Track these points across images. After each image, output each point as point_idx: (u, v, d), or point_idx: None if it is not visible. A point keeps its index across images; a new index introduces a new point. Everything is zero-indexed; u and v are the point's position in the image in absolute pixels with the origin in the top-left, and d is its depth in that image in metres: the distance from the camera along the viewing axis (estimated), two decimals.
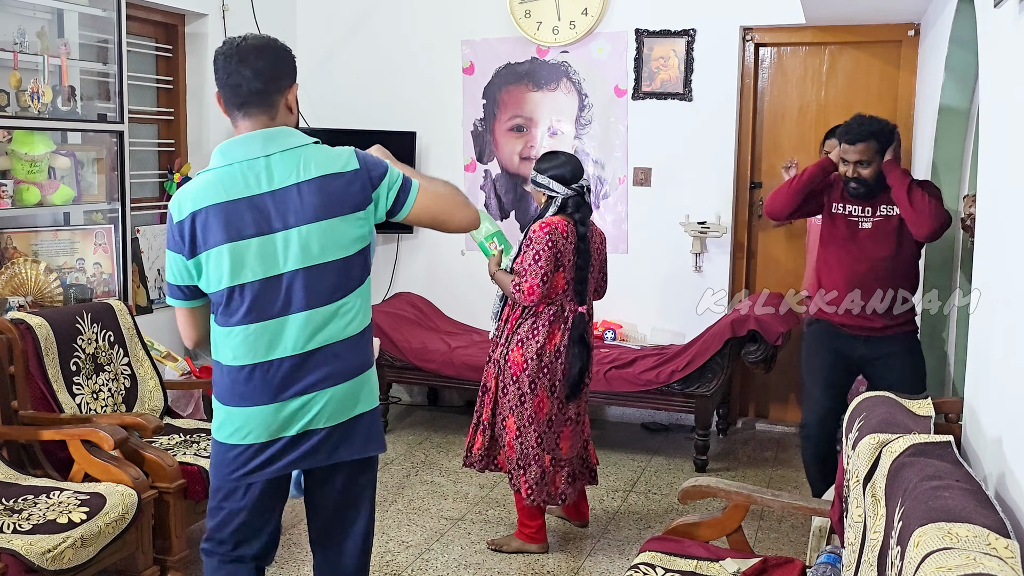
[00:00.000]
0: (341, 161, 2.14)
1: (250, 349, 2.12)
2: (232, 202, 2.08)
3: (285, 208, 2.09)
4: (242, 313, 2.11)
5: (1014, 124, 2.07)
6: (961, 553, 1.43)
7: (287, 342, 2.12)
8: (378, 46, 5.54)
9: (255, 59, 2.10)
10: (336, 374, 2.15)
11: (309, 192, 2.09)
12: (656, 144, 5.11)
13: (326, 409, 2.16)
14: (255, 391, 2.13)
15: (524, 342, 3.36)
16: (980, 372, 2.34)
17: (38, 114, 3.74)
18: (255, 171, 2.10)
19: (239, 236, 2.08)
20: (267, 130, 2.13)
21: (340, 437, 2.19)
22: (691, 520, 2.74)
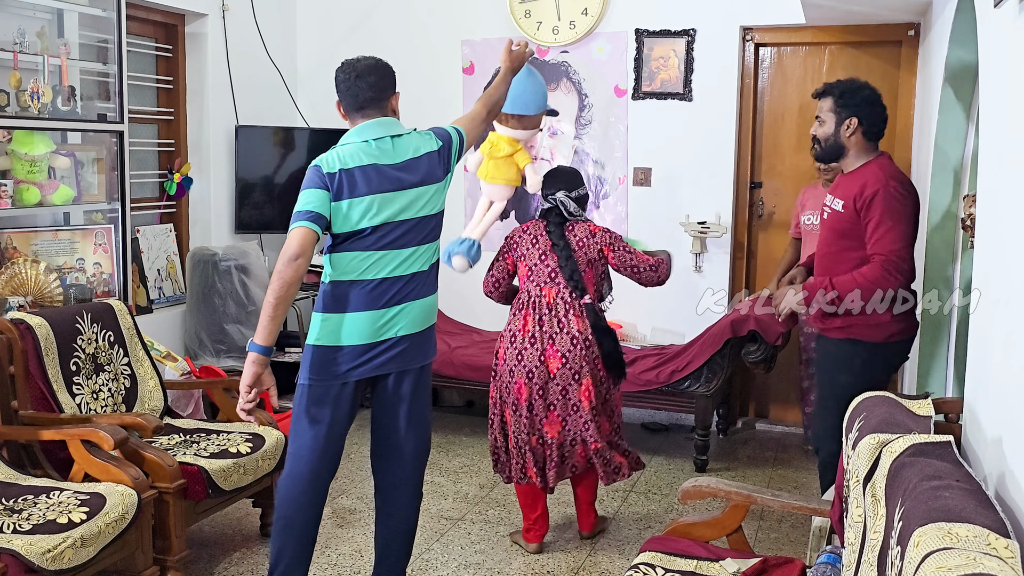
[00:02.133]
0: (431, 142, 2.89)
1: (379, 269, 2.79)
2: (370, 166, 2.75)
3: (404, 174, 2.78)
4: (373, 243, 2.75)
5: (1014, 124, 2.07)
6: (961, 553, 1.43)
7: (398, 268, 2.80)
8: (378, 46, 5.51)
9: (369, 74, 2.84)
10: (419, 293, 2.84)
11: (418, 165, 2.81)
12: (656, 144, 5.11)
13: (410, 320, 2.82)
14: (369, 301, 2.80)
15: (504, 335, 3.53)
16: (980, 372, 2.33)
17: (38, 114, 3.74)
18: (384, 147, 2.79)
19: (378, 191, 2.74)
20: (386, 119, 2.85)
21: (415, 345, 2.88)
22: (691, 520, 2.74)
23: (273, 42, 5.40)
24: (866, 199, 3.07)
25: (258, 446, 3.44)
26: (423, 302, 2.85)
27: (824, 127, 3.21)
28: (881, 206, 3.03)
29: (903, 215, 3.06)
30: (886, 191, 3.04)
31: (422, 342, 2.88)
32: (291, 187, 5.40)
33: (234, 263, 4.71)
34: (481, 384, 4.78)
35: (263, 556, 3.50)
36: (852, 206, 3.12)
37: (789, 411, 5.25)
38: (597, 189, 5.23)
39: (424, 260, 2.84)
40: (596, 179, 5.23)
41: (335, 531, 3.74)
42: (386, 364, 2.80)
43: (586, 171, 5.25)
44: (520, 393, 3.43)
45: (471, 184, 5.47)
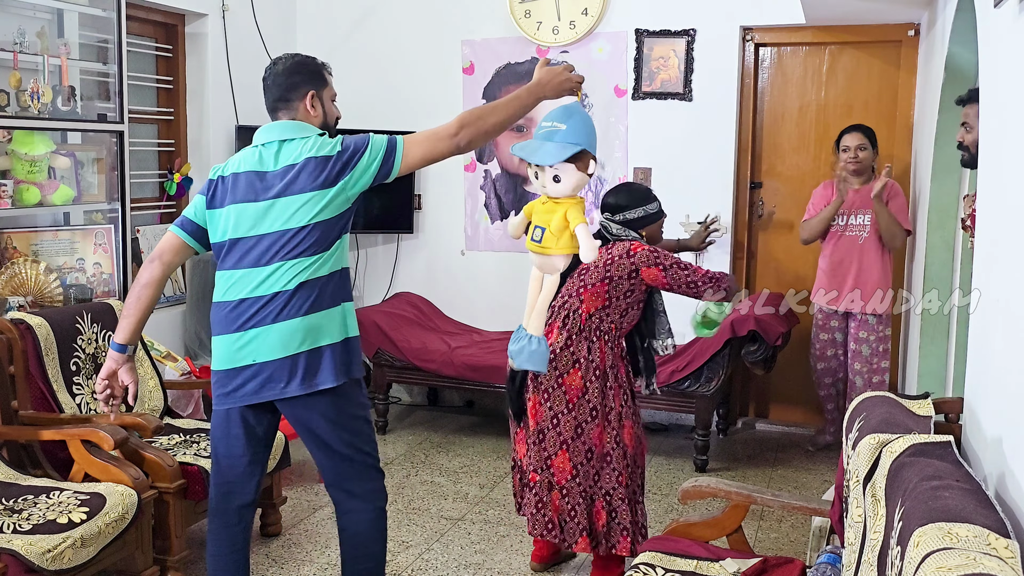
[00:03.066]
0: (326, 148, 2.53)
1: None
2: (244, 173, 2.56)
3: (273, 182, 2.52)
4: (235, 259, 2.55)
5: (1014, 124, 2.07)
6: (961, 553, 1.43)
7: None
8: (378, 46, 5.54)
9: (279, 74, 2.63)
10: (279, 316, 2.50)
11: (293, 172, 2.51)
12: (656, 144, 5.11)
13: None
14: None
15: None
16: (980, 372, 2.33)
17: (38, 114, 3.74)
18: (268, 152, 2.58)
19: (242, 200, 2.53)
20: (285, 122, 2.62)
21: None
22: (691, 520, 2.74)
23: (273, 42, 5.40)
24: None
25: None
26: (283, 326, 2.46)
27: (973, 133, 3.07)
28: None
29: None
30: None
31: (287, 368, 2.48)
32: None
33: None
34: (481, 384, 4.78)
35: (263, 556, 3.50)
36: None
37: (789, 411, 5.25)
38: (597, 189, 5.23)
39: (289, 278, 2.46)
40: (596, 179, 5.23)
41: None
42: (253, 393, 2.51)
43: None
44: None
45: (470, 184, 5.47)
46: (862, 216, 4.44)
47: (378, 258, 5.68)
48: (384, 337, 4.91)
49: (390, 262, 5.63)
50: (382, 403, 5.02)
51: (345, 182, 2.50)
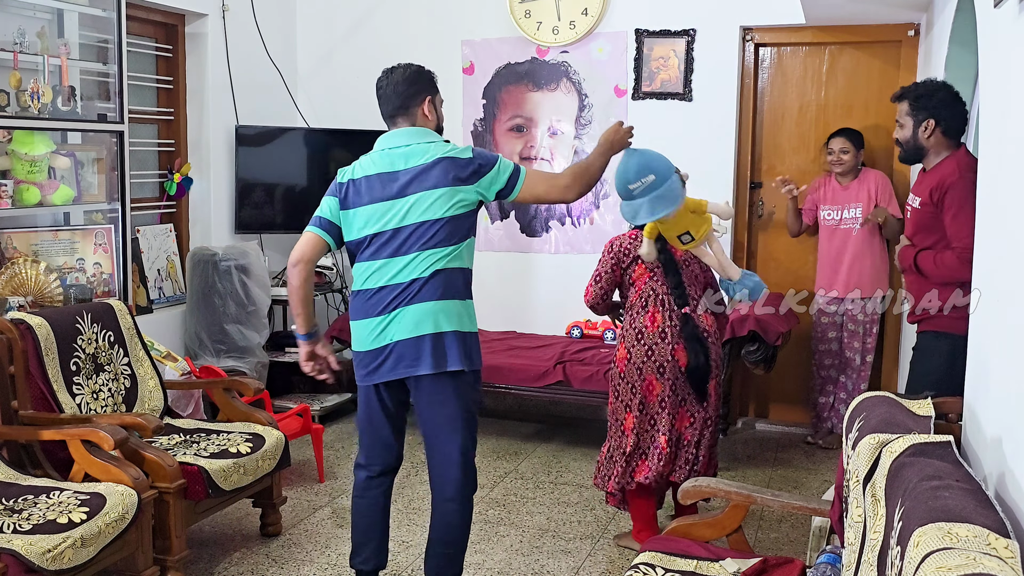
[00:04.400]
0: (458, 151, 2.79)
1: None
2: (376, 175, 2.81)
3: (407, 180, 2.77)
4: (373, 252, 2.83)
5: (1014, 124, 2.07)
6: (961, 553, 1.43)
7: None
8: (378, 46, 5.54)
9: (397, 83, 2.87)
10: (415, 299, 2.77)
11: (425, 170, 2.76)
12: (656, 144, 5.03)
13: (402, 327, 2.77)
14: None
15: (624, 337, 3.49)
16: (980, 372, 2.33)
17: (38, 114, 3.74)
18: (396, 155, 2.80)
19: (379, 199, 2.79)
20: (412, 129, 2.85)
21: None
22: (691, 520, 2.74)
23: (273, 42, 5.40)
24: (943, 192, 3.14)
25: (258, 446, 3.44)
26: (417, 308, 2.75)
27: (904, 130, 3.29)
28: (958, 198, 3.09)
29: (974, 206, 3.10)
30: (961, 183, 3.09)
31: (420, 348, 2.76)
32: (291, 187, 5.41)
33: (234, 263, 4.71)
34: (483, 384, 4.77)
35: (263, 556, 3.50)
36: (930, 200, 3.20)
37: (789, 411, 5.25)
38: (597, 189, 5.23)
39: (426, 266, 2.74)
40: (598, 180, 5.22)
41: (335, 531, 3.74)
42: (390, 371, 2.81)
43: None
44: (651, 390, 3.41)
45: None
46: (853, 210, 4.64)
47: None
48: None
49: None
50: None
51: (478, 185, 2.76)
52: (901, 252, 3.37)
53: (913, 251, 3.29)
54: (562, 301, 5.14)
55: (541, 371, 4.61)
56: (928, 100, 3.22)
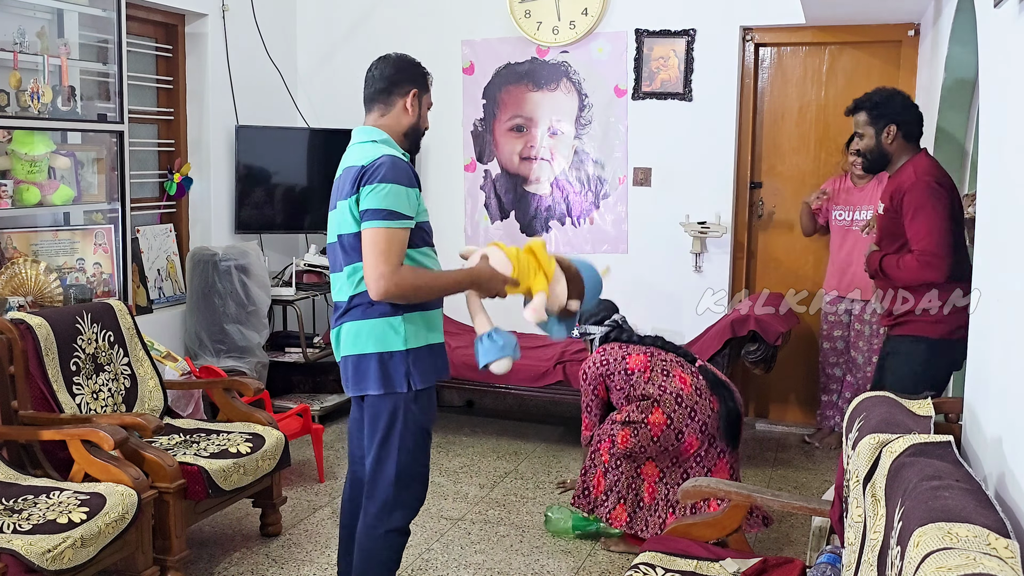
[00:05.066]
0: (363, 159, 2.53)
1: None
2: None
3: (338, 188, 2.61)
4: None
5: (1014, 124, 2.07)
6: (961, 553, 1.43)
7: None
8: (378, 46, 5.49)
9: (376, 68, 2.71)
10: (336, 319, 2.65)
11: (345, 178, 2.57)
12: (656, 144, 5.11)
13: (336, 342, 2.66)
14: None
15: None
16: (980, 372, 2.33)
17: (38, 114, 3.74)
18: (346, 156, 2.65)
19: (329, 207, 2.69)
20: (366, 127, 2.67)
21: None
22: (691, 520, 2.74)
23: (273, 42, 5.40)
24: (901, 196, 3.20)
25: (258, 446, 3.44)
26: (342, 328, 2.61)
27: (865, 140, 3.34)
28: (914, 201, 3.15)
29: (935, 208, 3.16)
30: (917, 186, 3.16)
31: (349, 370, 2.62)
32: (291, 187, 5.41)
33: (234, 263, 4.71)
34: (481, 384, 4.78)
35: (263, 556, 3.50)
36: (891, 205, 3.26)
37: (789, 411, 5.25)
38: (597, 189, 5.23)
39: (346, 288, 2.58)
40: (596, 179, 5.23)
41: (335, 531, 3.74)
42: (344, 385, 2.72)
43: (586, 171, 5.25)
44: (688, 449, 3.46)
45: (470, 184, 5.47)
46: (865, 212, 4.59)
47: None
48: None
49: None
50: None
51: (359, 194, 2.50)
52: (868, 258, 3.43)
53: (878, 256, 3.34)
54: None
55: (541, 371, 4.61)
56: (886, 107, 3.30)
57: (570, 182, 5.29)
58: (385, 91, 2.66)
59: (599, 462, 3.52)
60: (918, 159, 3.29)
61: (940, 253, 3.14)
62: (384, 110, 2.67)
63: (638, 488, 3.49)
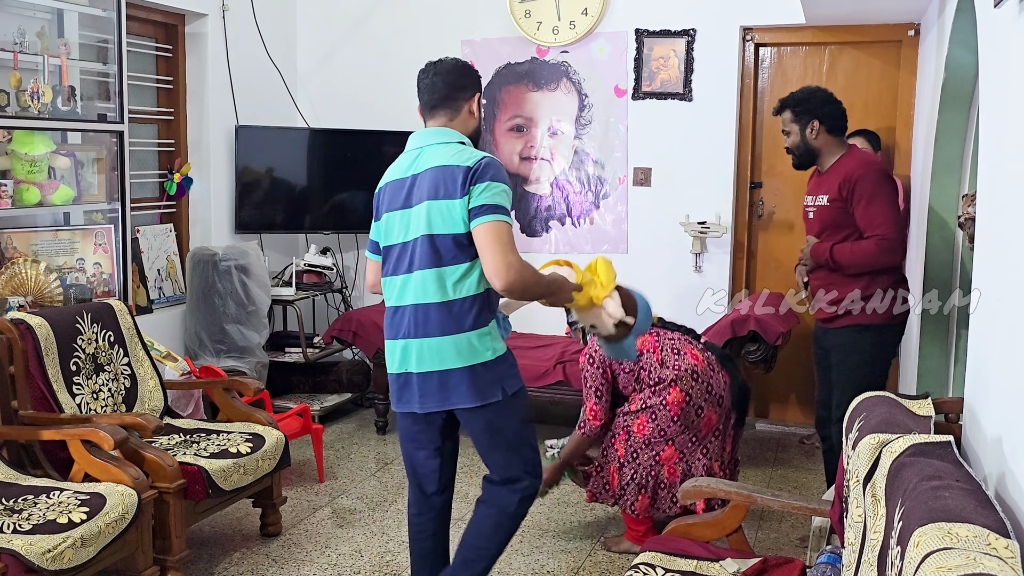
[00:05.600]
0: (466, 159, 2.55)
1: (389, 295, 2.69)
2: (399, 180, 2.65)
3: (418, 187, 2.59)
4: (386, 268, 2.70)
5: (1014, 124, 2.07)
6: (961, 553, 1.43)
7: (400, 294, 2.62)
8: (378, 46, 5.54)
9: (446, 72, 2.69)
10: (422, 330, 2.58)
11: (434, 176, 2.55)
12: (656, 144, 5.11)
13: (413, 356, 2.61)
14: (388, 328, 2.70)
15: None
16: (980, 372, 2.33)
17: (38, 114, 3.74)
18: (416, 157, 2.63)
19: (394, 207, 2.64)
20: (438, 129, 2.67)
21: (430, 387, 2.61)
22: (691, 520, 2.74)
23: (273, 42, 5.40)
24: (852, 184, 3.29)
25: (258, 446, 3.44)
26: (430, 342, 2.56)
27: (792, 137, 3.49)
28: (868, 188, 3.27)
29: (887, 195, 3.31)
30: (869, 174, 3.30)
31: (433, 384, 2.59)
32: (291, 187, 5.41)
33: (234, 263, 4.71)
34: None
35: (263, 556, 3.50)
36: (839, 195, 3.34)
37: (789, 411, 5.25)
38: (597, 189, 5.23)
39: (434, 290, 2.54)
40: (596, 179, 5.23)
41: (335, 531, 3.74)
42: (409, 402, 2.65)
43: (586, 171, 5.25)
44: (708, 423, 3.45)
45: None
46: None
47: None
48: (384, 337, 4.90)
49: None
50: (382, 403, 5.02)
51: (465, 199, 2.53)
52: (813, 249, 3.46)
53: (827, 245, 3.38)
54: None
55: (541, 371, 4.61)
56: (808, 104, 3.43)
57: (570, 182, 5.29)
58: (450, 97, 2.67)
59: (613, 457, 3.48)
60: (855, 151, 3.43)
61: (897, 238, 3.28)
62: (452, 115, 2.68)
63: (658, 473, 3.44)
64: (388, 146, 5.41)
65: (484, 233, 2.51)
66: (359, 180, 5.40)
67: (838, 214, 3.35)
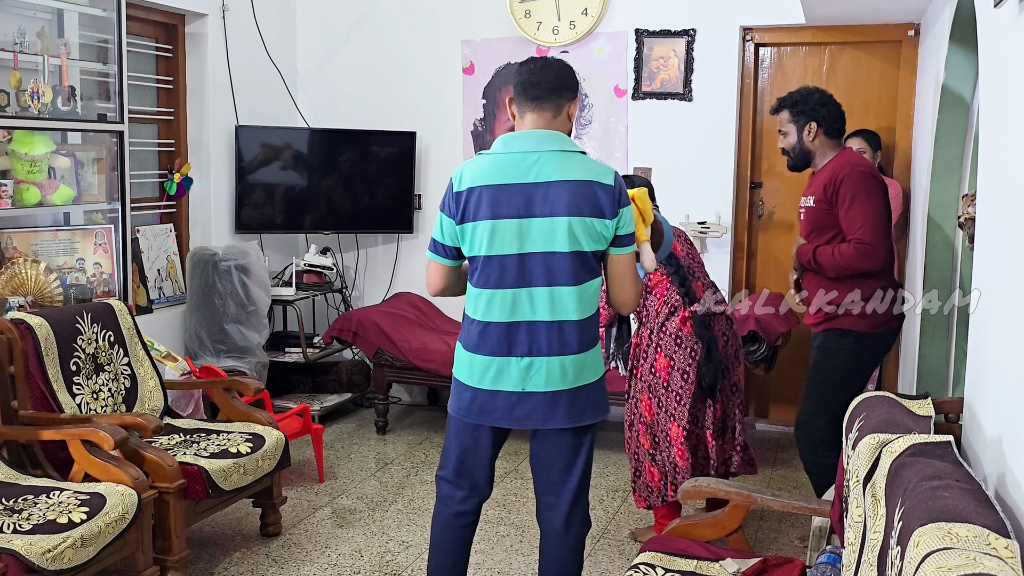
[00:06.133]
0: (600, 173, 2.47)
1: (491, 309, 2.51)
2: (502, 186, 2.47)
3: (543, 195, 2.45)
4: (488, 279, 2.50)
5: (1014, 124, 2.07)
6: (961, 553, 1.43)
7: (521, 310, 2.48)
8: (378, 46, 5.54)
9: (556, 67, 2.57)
10: (557, 347, 2.48)
11: (571, 189, 2.44)
12: (656, 144, 5.11)
13: (543, 374, 2.48)
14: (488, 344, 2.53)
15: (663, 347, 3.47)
16: (980, 372, 2.33)
17: (38, 114, 3.74)
18: (524, 161, 2.48)
19: (503, 215, 2.46)
20: (545, 132, 2.51)
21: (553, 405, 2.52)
22: (691, 520, 2.74)
23: (273, 42, 5.40)
24: (835, 186, 3.28)
25: (258, 446, 3.44)
26: (566, 360, 2.49)
27: (788, 138, 3.47)
28: (850, 190, 3.25)
29: (871, 197, 3.26)
30: (852, 175, 3.26)
31: (569, 400, 2.53)
32: (291, 187, 5.41)
33: (234, 263, 4.71)
34: None
35: (263, 556, 3.50)
36: (824, 196, 3.33)
37: (789, 411, 5.24)
38: None
39: (571, 308, 2.47)
40: None
41: (335, 531, 3.74)
42: (520, 419, 2.56)
43: None
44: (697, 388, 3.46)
45: None
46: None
47: (378, 258, 5.68)
48: (384, 337, 4.91)
49: (390, 262, 5.63)
50: (382, 403, 5.02)
51: (617, 219, 2.48)
52: (799, 250, 3.47)
53: (811, 247, 3.39)
54: None
55: None
56: (805, 105, 3.40)
57: None
58: (558, 92, 2.53)
59: (644, 455, 3.50)
60: (846, 153, 3.40)
61: (876, 242, 3.23)
62: (556, 112, 2.54)
63: (673, 459, 3.47)
64: (388, 146, 5.42)
65: (627, 263, 2.52)
66: (359, 180, 5.41)
67: (823, 215, 3.34)
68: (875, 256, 3.24)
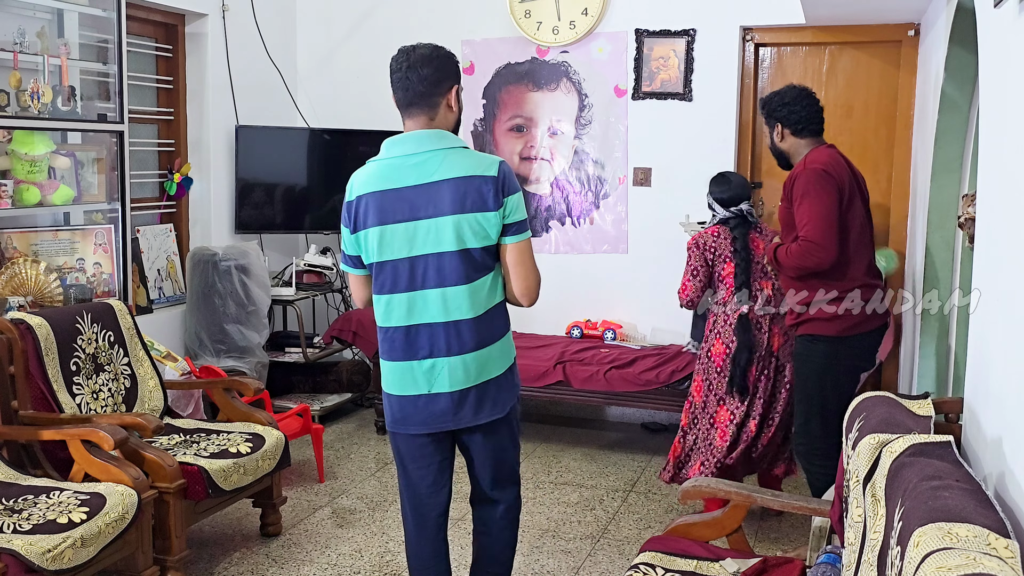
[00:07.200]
0: (486, 168, 2.45)
1: (390, 314, 2.52)
2: (386, 191, 2.46)
3: (427, 197, 2.44)
4: (383, 285, 2.51)
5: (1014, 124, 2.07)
6: (961, 553, 1.43)
7: (418, 312, 2.48)
8: (378, 46, 5.53)
9: (422, 65, 2.47)
10: (456, 347, 2.49)
11: (455, 187, 2.42)
12: (656, 144, 5.10)
13: (446, 375, 2.50)
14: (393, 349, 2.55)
15: (721, 334, 3.72)
16: (980, 372, 2.33)
17: (38, 114, 3.74)
18: (408, 164, 2.46)
19: (389, 220, 2.46)
20: (425, 132, 2.49)
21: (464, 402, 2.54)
22: (691, 520, 2.74)
23: (273, 42, 5.40)
24: (788, 188, 3.30)
25: (258, 446, 3.44)
26: (467, 359, 2.49)
27: (767, 139, 3.52)
28: (800, 188, 3.24)
29: (819, 196, 3.18)
30: (803, 174, 3.24)
31: (489, 393, 2.57)
32: (291, 187, 5.41)
33: (234, 263, 4.71)
34: None
35: (263, 556, 3.50)
36: (786, 196, 3.35)
37: None
38: (597, 189, 5.23)
39: (467, 306, 2.46)
40: (596, 179, 5.23)
41: (335, 531, 3.74)
42: (431, 422, 2.58)
43: (586, 171, 5.25)
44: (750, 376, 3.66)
45: None
46: None
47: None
48: None
49: None
50: (382, 403, 5.01)
51: (503, 210, 2.45)
52: (767, 250, 3.51)
53: (773, 247, 3.40)
54: (562, 301, 5.14)
55: (541, 371, 4.61)
56: (767, 107, 3.41)
57: (570, 182, 5.29)
58: (426, 94, 2.47)
59: (677, 430, 3.78)
60: (816, 151, 3.32)
61: (820, 241, 3.15)
62: (431, 113, 2.50)
63: (712, 438, 3.68)
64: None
65: (520, 252, 2.49)
66: None
67: (786, 214, 3.34)
68: (822, 254, 3.15)
